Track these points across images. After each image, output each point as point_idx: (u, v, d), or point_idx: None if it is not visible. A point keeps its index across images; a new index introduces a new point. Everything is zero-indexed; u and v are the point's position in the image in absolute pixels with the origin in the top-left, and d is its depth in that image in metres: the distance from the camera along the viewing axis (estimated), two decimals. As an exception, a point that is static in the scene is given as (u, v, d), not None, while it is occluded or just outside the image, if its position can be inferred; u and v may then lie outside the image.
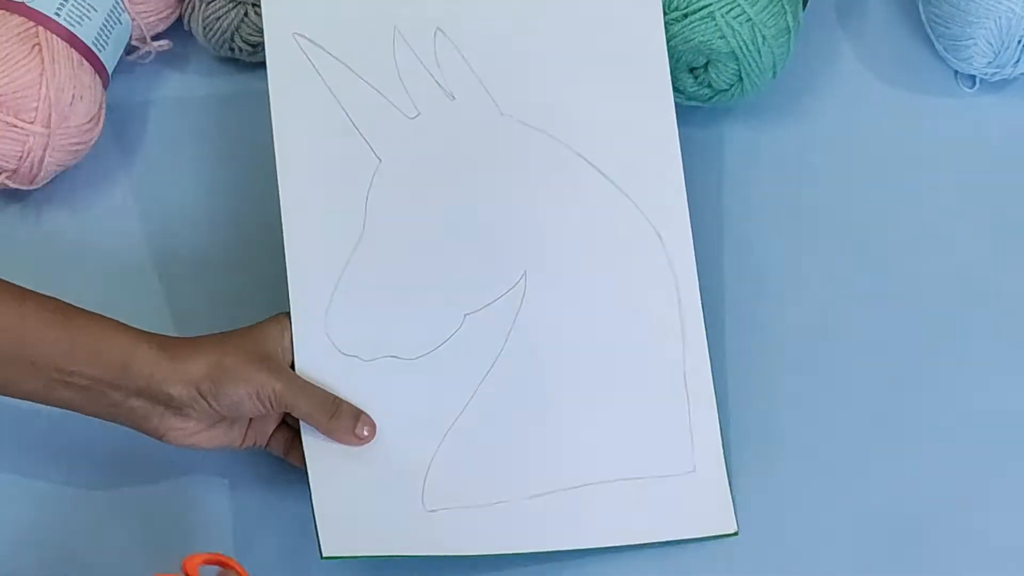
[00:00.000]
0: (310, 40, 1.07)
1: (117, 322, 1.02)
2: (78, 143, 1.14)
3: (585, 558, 1.05)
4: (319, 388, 1.03)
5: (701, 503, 1.06)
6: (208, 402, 1.00)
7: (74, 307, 1.02)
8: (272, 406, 1.01)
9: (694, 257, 1.08)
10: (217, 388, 1.00)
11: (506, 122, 1.08)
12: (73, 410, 1.02)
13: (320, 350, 1.04)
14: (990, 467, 1.09)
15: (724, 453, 1.08)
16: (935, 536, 1.07)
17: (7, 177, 1.14)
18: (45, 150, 1.13)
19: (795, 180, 1.18)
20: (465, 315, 1.05)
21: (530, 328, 1.06)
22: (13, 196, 1.17)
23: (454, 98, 1.08)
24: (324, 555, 1.02)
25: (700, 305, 1.07)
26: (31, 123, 1.11)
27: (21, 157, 1.12)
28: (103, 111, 1.16)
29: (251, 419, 1.04)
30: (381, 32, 1.08)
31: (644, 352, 1.07)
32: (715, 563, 1.06)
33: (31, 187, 1.15)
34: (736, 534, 1.05)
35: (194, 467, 1.08)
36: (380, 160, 1.06)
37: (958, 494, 1.08)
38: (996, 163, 1.19)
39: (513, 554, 1.04)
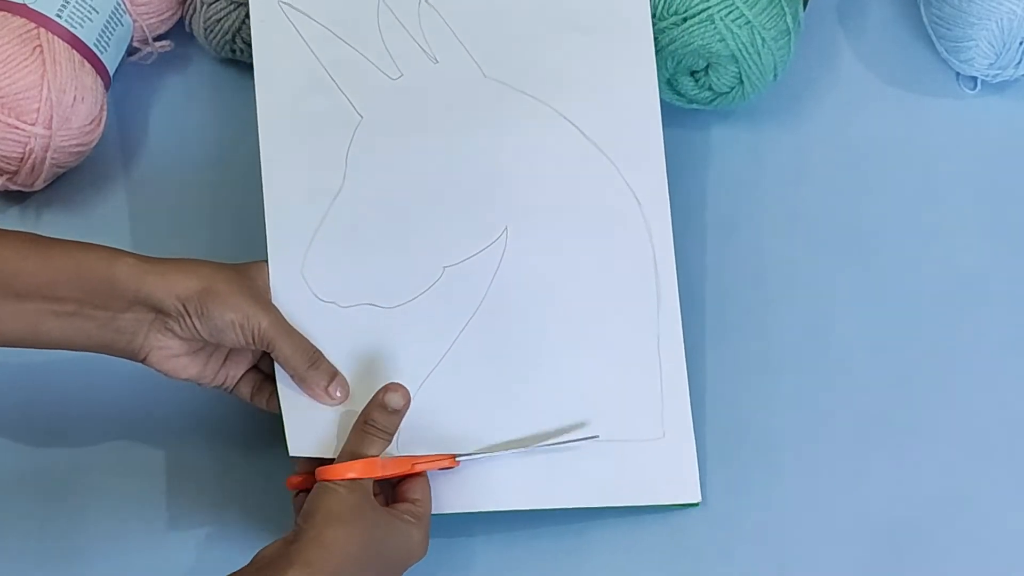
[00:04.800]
0: (295, 8, 1.09)
1: (97, 244, 1.02)
2: (79, 144, 1.15)
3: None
4: (303, 336, 1.03)
5: (668, 470, 1.06)
6: (193, 320, 1.00)
7: (50, 237, 1.02)
8: (254, 339, 1.01)
9: (671, 225, 1.08)
10: (205, 308, 1.00)
11: (489, 84, 1.09)
12: (60, 347, 1.02)
13: (297, 294, 1.05)
14: (989, 468, 1.09)
15: (725, 451, 1.08)
16: (933, 537, 1.07)
17: (8, 179, 1.14)
18: (46, 151, 1.13)
19: (796, 182, 1.18)
20: (444, 267, 1.06)
21: (509, 283, 1.06)
22: (14, 197, 1.17)
23: (437, 61, 1.09)
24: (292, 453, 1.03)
25: (675, 273, 1.07)
26: (32, 124, 1.12)
27: (22, 159, 1.12)
28: (104, 112, 1.16)
29: (227, 357, 1.04)
30: (366, 1, 1.09)
31: (619, 315, 1.07)
32: (718, 562, 1.07)
33: (32, 189, 1.15)
34: (699, 504, 1.05)
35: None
36: (361, 117, 1.08)
37: (956, 495, 1.08)
38: (997, 164, 1.19)
39: (479, 513, 1.05)
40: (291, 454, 1.03)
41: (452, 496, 1.04)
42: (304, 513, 0.98)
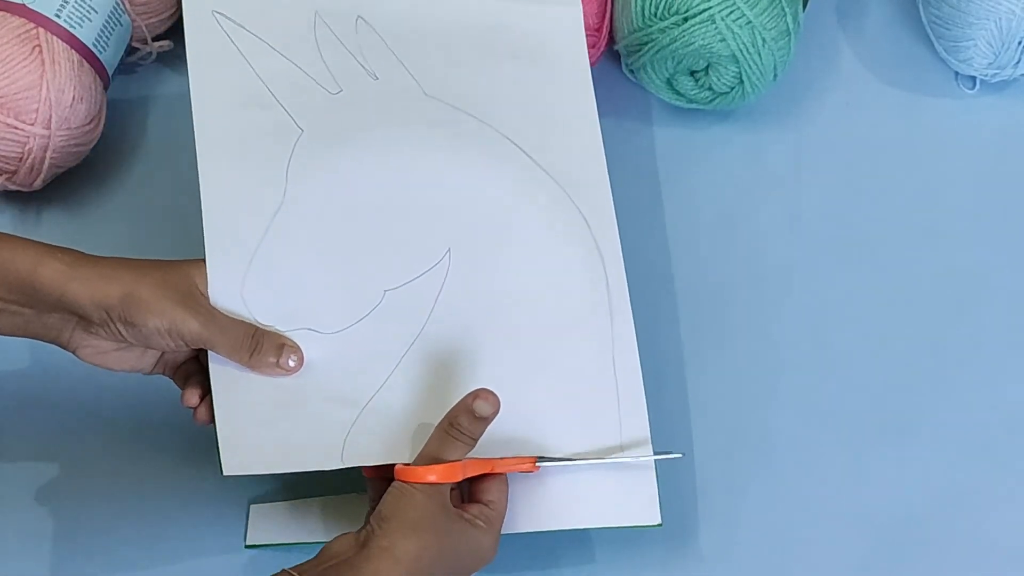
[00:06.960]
0: (229, 18, 1.07)
1: (26, 240, 1.00)
2: (79, 144, 1.15)
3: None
4: (238, 322, 1.01)
5: (627, 492, 1.03)
6: (118, 326, 0.99)
7: None
8: (185, 343, 1.00)
9: (619, 242, 1.06)
10: (128, 316, 0.98)
11: (430, 102, 1.08)
12: None
13: (238, 317, 1.02)
14: (988, 468, 1.09)
15: (724, 452, 1.08)
16: (932, 536, 1.07)
17: (7, 179, 1.14)
18: (46, 151, 1.13)
19: (796, 182, 1.18)
20: (385, 291, 1.04)
21: (453, 307, 1.04)
22: (13, 197, 1.17)
23: (377, 78, 1.07)
24: (248, 542, 1.04)
25: (627, 289, 1.05)
26: (32, 124, 1.12)
27: (22, 159, 1.12)
28: (103, 112, 1.16)
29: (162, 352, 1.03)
30: (301, 15, 1.08)
31: (570, 338, 1.05)
32: (718, 562, 1.07)
33: (31, 188, 1.15)
34: (660, 525, 1.03)
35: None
36: (302, 130, 1.06)
37: (955, 495, 1.08)
38: (996, 164, 1.19)
39: None
40: (225, 473, 1.00)
41: None
42: (378, 514, 0.95)
